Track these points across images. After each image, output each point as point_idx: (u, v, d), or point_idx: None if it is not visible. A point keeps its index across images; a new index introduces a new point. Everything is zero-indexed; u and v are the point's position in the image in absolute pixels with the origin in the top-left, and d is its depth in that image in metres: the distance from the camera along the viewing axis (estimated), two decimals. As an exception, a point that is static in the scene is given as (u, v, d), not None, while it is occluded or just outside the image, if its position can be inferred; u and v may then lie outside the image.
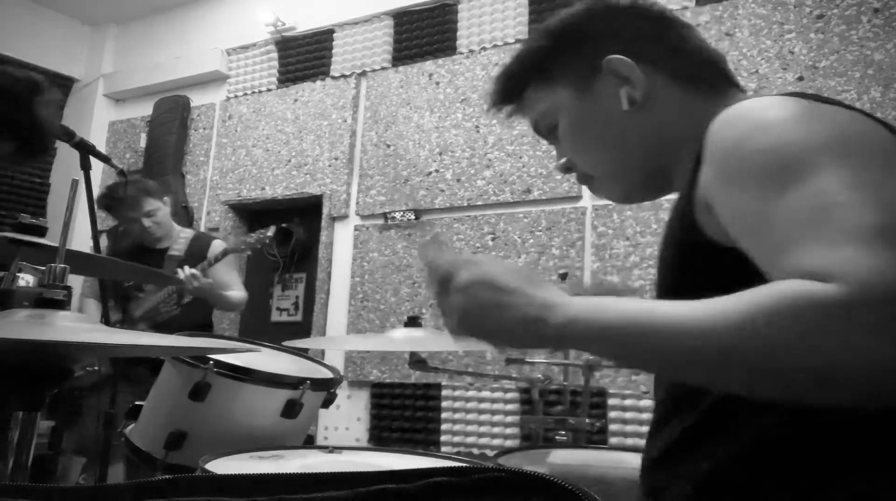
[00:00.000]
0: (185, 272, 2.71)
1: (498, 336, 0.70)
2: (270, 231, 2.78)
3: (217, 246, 2.97)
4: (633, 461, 1.27)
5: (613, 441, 2.93)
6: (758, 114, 0.68)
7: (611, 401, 3.02)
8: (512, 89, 0.95)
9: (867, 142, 0.64)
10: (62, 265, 0.88)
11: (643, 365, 0.71)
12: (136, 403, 1.68)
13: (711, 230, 0.70)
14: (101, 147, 4.38)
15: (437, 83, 3.79)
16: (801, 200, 0.60)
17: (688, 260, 0.76)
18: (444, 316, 0.72)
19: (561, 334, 0.65)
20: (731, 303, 0.56)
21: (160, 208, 2.96)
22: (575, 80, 0.89)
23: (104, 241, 3.88)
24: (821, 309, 0.52)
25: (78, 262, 1.54)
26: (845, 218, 0.56)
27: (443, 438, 3.38)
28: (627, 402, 2.99)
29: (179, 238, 3.01)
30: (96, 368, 1.96)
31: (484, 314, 0.69)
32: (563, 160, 0.94)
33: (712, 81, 0.86)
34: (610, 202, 3.27)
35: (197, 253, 2.91)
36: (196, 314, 2.92)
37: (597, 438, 2.88)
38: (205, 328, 2.96)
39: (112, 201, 2.95)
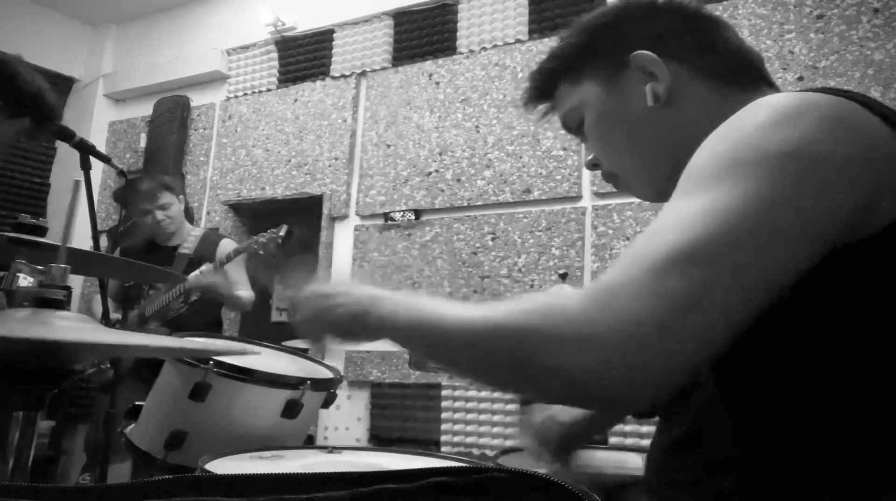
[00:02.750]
0: (199, 270, 2.72)
1: (333, 331, 0.82)
2: (282, 230, 2.77)
3: (226, 245, 2.98)
4: (634, 460, 1.27)
5: (613, 440, 2.93)
6: (738, 119, 0.68)
7: (611, 401, 3.01)
8: (545, 86, 0.95)
9: (810, 150, 0.61)
10: (63, 265, 0.88)
11: (432, 357, 0.81)
12: (136, 403, 1.68)
13: None
14: (101, 147, 4.38)
15: (437, 83, 3.79)
16: (664, 212, 0.64)
17: None
18: (296, 326, 0.86)
19: (381, 325, 0.74)
20: (504, 303, 0.63)
21: (174, 204, 2.99)
22: (603, 76, 0.89)
23: (104, 241, 3.90)
24: (549, 309, 0.60)
25: (79, 261, 1.54)
26: (654, 241, 0.60)
27: (443, 438, 3.38)
28: (627, 402, 2.99)
29: (190, 236, 3.03)
30: (107, 366, 1.97)
31: (319, 315, 0.82)
32: (591, 157, 0.94)
33: (745, 80, 0.85)
34: (610, 202, 3.29)
35: (207, 251, 2.93)
36: (205, 312, 2.93)
37: (597, 438, 2.88)
38: (214, 327, 2.98)
39: (129, 191, 2.97)
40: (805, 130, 0.63)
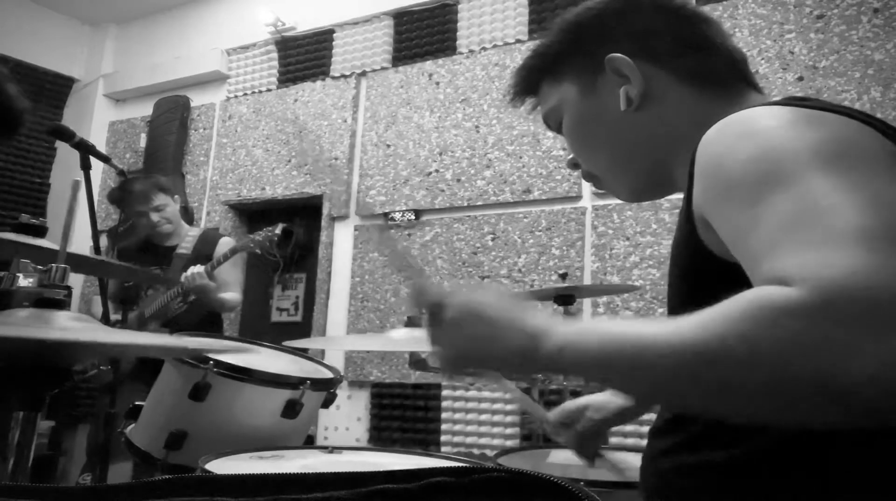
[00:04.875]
0: (191, 271, 2.72)
1: (489, 367, 0.70)
2: (278, 229, 2.77)
3: (225, 243, 2.97)
4: (633, 461, 1.27)
5: (613, 440, 2.93)
6: (744, 125, 0.67)
7: (611, 401, 3.01)
8: (527, 84, 0.95)
9: (857, 146, 0.62)
10: (62, 266, 0.89)
11: (630, 390, 0.70)
12: (136, 403, 1.68)
13: (715, 247, 0.69)
14: (101, 147, 4.39)
15: (437, 83, 3.79)
16: (781, 205, 0.57)
17: (696, 277, 0.74)
18: (435, 350, 0.72)
19: (552, 362, 0.64)
20: (702, 318, 0.53)
21: (169, 204, 2.98)
22: (581, 77, 0.88)
23: (104, 241, 3.89)
24: (776, 314, 0.49)
25: (76, 264, 1.54)
26: (824, 220, 0.53)
27: (443, 438, 3.38)
28: (627, 402, 2.98)
29: (187, 236, 3.02)
30: (107, 367, 1.97)
31: (474, 348, 0.69)
32: (571, 156, 0.95)
33: (726, 81, 0.84)
34: (610, 202, 3.28)
35: (204, 251, 2.92)
36: (205, 312, 2.93)
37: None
38: (214, 327, 2.97)
39: (123, 193, 2.96)
40: (833, 128, 0.63)
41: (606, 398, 1.19)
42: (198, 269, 2.72)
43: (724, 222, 0.64)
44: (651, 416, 0.89)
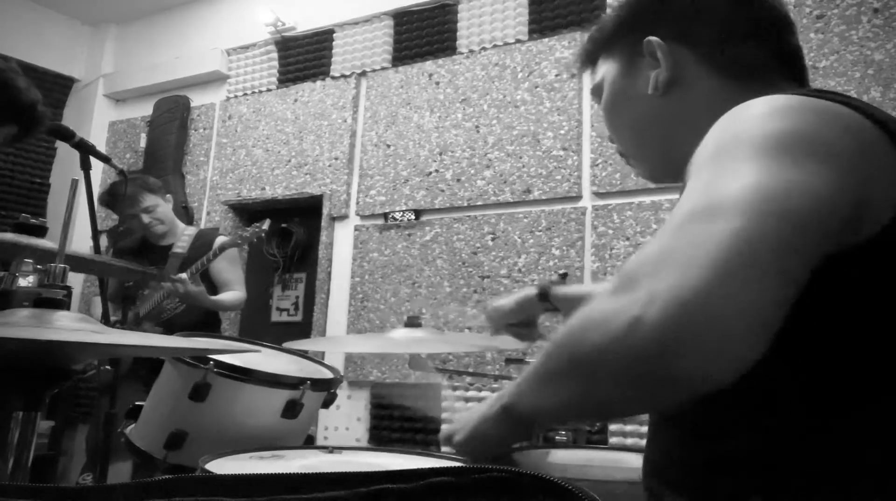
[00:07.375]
0: (175, 278, 2.70)
1: (495, 446, 0.84)
2: (265, 224, 2.77)
3: (221, 241, 2.97)
4: (633, 461, 1.27)
5: (613, 440, 2.93)
6: (733, 114, 0.68)
7: (611, 401, 3.01)
8: (587, 55, 0.97)
9: (813, 139, 0.61)
10: (62, 265, 0.88)
11: (556, 400, 0.70)
12: (137, 403, 1.68)
13: None
14: (102, 147, 4.39)
15: (437, 83, 3.79)
16: (699, 182, 0.63)
17: None
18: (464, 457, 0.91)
19: (525, 408, 0.72)
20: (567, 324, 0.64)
21: (159, 205, 2.96)
22: (624, 56, 0.89)
23: (104, 241, 3.89)
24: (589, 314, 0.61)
25: (74, 263, 1.54)
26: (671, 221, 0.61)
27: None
28: (627, 402, 2.98)
29: (183, 235, 3.01)
30: (107, 367, 1.96)
31: (479, 444, 0.84)
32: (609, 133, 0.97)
33: (764, 75, 0.81)
34: (610, 202, 3.29)
35: (200, 250, 2.91)
36: (202, 312, 2.91)
37: (597, 438, 2.88)
38: (211, 325, 2.96)
39: (112, 197, 2.96)
40: (800, 120, 0.63)
41: (503, 302, 1.33)
42: (182, 275, 2.71)
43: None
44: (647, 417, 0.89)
